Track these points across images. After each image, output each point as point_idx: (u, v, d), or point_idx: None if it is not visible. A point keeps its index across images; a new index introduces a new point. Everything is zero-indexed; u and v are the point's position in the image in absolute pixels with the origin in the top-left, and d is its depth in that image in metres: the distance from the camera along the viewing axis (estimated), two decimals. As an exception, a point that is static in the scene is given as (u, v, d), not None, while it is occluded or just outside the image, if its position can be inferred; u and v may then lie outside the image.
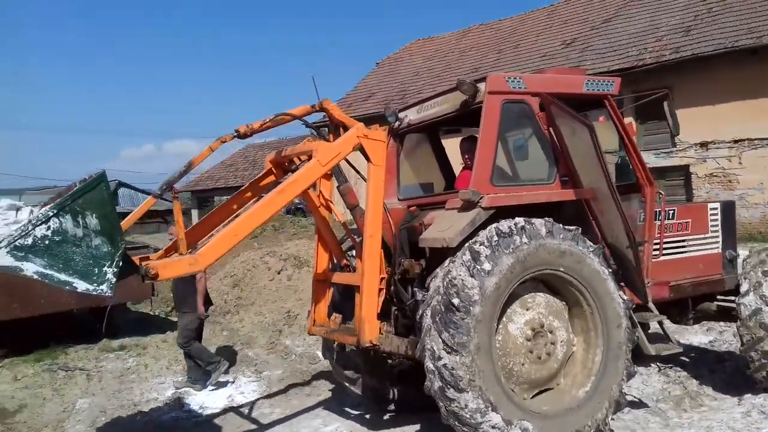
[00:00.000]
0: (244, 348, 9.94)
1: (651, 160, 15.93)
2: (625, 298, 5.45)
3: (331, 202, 5.99)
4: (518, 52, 21.53)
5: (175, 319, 12.49)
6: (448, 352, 4.78)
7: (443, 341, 4.80)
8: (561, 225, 5.20)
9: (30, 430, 6.89)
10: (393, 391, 6.48)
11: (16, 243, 3.73)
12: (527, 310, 5.26)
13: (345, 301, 5.99)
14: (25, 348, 9.88)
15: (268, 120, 5.59)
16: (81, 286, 3.87)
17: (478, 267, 4.84)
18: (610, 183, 5.28)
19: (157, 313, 13.05)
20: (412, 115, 6.51)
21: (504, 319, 5.17)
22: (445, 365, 4.78)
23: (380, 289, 5.38)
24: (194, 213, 38.00)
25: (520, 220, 5.05)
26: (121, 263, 4.01)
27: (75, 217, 3.89)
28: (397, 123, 6.56)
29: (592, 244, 5.34)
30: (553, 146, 5.62)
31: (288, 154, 5.79)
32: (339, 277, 5.97)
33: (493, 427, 4.77)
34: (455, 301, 4.80)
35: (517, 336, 5.18)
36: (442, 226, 5.35)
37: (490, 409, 4.77)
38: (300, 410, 7.02)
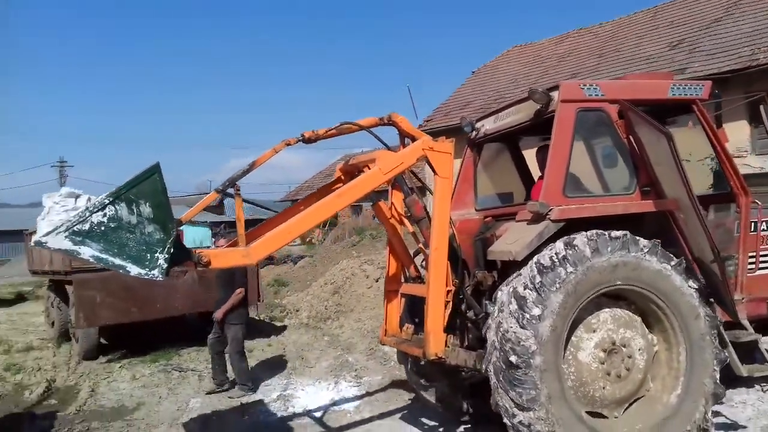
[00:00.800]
0: (344, 353, 10.13)
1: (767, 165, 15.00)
2: (696, 286, 5.17)
3: (402, 214, 5.99)
4: (620, 55, 20.86)
5: (279, 324, 13.02)
6: (520, 410, 4.68)
7: (512, 399, 4.70)
8: (609, 235, 4.95)
9: (148, 427, 7.31)
10: (466, 404, 6.38)
11: (75, 228, 3.93)
12: (593, 332, 5.08)
13: (417, 312, 5.98)
14: (142, 349, 10.59)
15: (333, 128, 5.60)
16: (134, 270, 4.04)
17: (528, 315, 4.70)
18: (690, 194, 5.03)
19: (261, 318, 13.54)
20: (488, 125, 6.42)
21: (571, 348, 5.01)
22: (521, 422, 4.69)
23: (447, 302, 5.32)
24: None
25: (561, 249, 4.84)
26: (172, 250, 4.15)
27: (129, 206, 4.07)
28: (474, 133, 6.52)
29: (646, 244, 5.05)
30: (633, 155, 5.42)
31: (356, 162, 5.83)
32: (409, 288, 5.98)
33: None
34: (513, 358, 4.68)
35: (589, 362, 5.01)
36: (511, 239, 5.28)
37: None
38: (399, 416, 7.11)
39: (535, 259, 4.87)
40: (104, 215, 4.01)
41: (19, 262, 36.36)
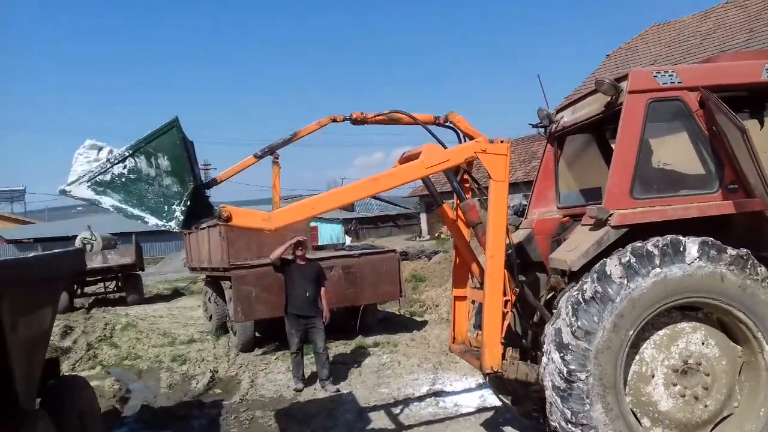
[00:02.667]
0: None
1: None
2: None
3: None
4: (775, 28, 19.20)
5: (419, 319, 13.17)
6: (573, 426, 4.43)
7: (564, 416, 4.46)
8: (670, 243, 4.47)
9: (306, 416, 7.66)
10: (540, 416, 5.96)
11: (97, 179, 4.13)
12: (661, 351, 4.67)
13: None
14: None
15: (382, 114, 5.45)
16: (151, 221, 4.19)
17: (580, 329, 4.41)
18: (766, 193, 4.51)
19: (402, 313, 13.77)
20: (567, 117, 5.97)
21: (636, 366, 4.65)
22: None
23: (504, 313, 5.06)
24: (423, 216, 39.44)
25: (617, 260, 4.46)
26: (189, 202, 4.22)
27: (148, 158, 4.19)
28: (553, 126, 6.10)
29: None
30: (715, 149, 4.86)
31: (410, 154, 5.62)
32: (478, 294, 5.68)
33: None
34: (564, 371, 4.43)
35: (658, 382, 4.63)
36: (570, 245, 4.92)
37: None
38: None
39: (592, 270, 4.56)
40: (124, 167, 4.17)
41: (172, 259, 39.34)
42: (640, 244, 4.51)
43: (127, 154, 4.19)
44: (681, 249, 4.47)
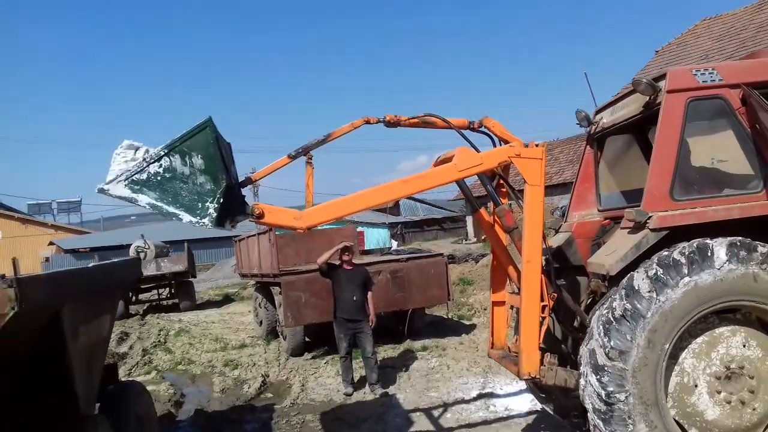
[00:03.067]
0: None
1: None
2: None
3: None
4: (834, 17, 18.52)
5: (468, 323, 13.11)
6: None
7: None
8: (708, 246, 4.36)
9: (357, 420, 7.71)
10: (580, 422, 5.83)
11: (134, 178, 4.20)
12: (701, 359, 4.53)
13: None
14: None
15: (416, 117, 5.40)
16: (186, 218, 4.23)
17: (613, 348, 4.34)
18: None
19: (450, 317, 13.72)
20: (606, 117, 5.85)
21: (677, 389, 4.53)
22: None
23: (542, 318, 4.98)
24: (468, 219, 39.20)
25: (653, 266, 4.36)
26: (222, 200, 4.24)
27: (183, 157, 4.24)
28: (592, 127, 5.98)
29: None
30: (759, 147, 4.71)
31: (446, 157, 5.53)
32: (516, 300, 5.57)
33: None
34: (602, 392, 4.34)
35: (702, 392, 4.50)
36: (609, 249, 4.81)
37: None
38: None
39: (620, 286, 4.46)
40: (160, 166, 4.23)
41: (223, 266, 40.06)
42: (666, 253, 4.44)
43: (162, 153, 4.27)
44: (709, 254, 4.37)
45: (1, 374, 3.77)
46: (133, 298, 21.64)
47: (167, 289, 22.17)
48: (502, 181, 5.61)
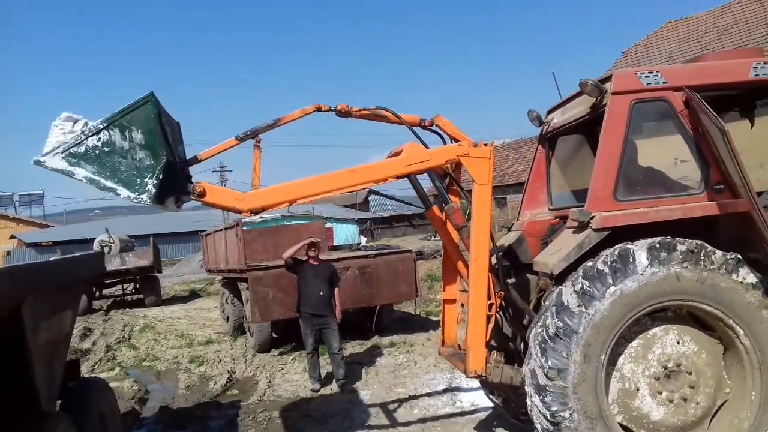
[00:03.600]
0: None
1: None
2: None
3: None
4: (794, 23, 19.01)
5: (436, 319, 13.17)
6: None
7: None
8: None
9: (324, 416, 7.68)
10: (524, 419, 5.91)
11: (71, 150, 4.14)
12: (638, 362, 4.64)
13: None
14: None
15: (367, 109, 5.39)
16: (123, 193, 4.18)
17: (551, 368, 4.41)
18: (751, 196, 4.44)
19: (418, 313, 13.77)
20: (557, 117, 5.91)
21: (620, 395, 4.65)
22: None
23: (489, 316, 5.04)
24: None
25: (588, 269, 4.46)
26: (162, 176, 4.20)
27: (122, 132, 4.19)
28: (543, 126, 6.04)
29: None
30: (701, 149, 4.80)
31: (398, 150, 5.48)
32: (466, 298, 5.57)
33: None
34: (546, 413, 4.44)
35: (646, 399, 4.61)
36: (554, 248, 4.89)
37: None
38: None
39: (549, 303, 4.55)
40: (99, 139, 4.18)
41: (189, 261, 39.59)
42: (590, 264, 4.50)
43: (101, 126, 4.20)
44: (631, 260, 4.44)
45: (-42, 370, 3.69)
46: (97, 293, 21.28)
47: (132, 284, 21.83)
48: (453, 180, 5.61)
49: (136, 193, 4.21)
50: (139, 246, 23.13)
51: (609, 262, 4.43)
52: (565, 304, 4.45)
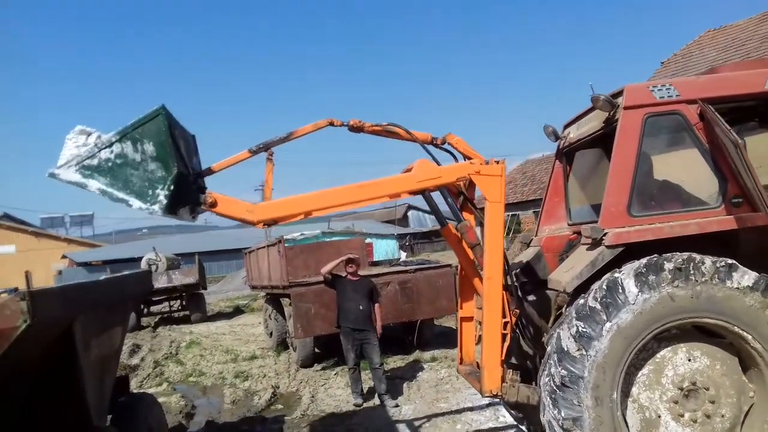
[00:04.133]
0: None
1: None
2: None
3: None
4: (842, 25, 18.47)
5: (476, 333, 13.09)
6: None
7: None
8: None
9: (367, 431, 7.73)
10: None
11: (84, 163, 4.23)
12: (653, 389, 4.52)
13: None
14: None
15: (379, 125, 5.37)
16: (135, 204, 4.24)
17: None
18: (764, 207, 4.31)
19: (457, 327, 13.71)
20: (573, 132, 5.84)
21: (643, 426, 4.50)
22: None
23: (504, 335, 4.96)
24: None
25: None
26: (173, 187, 4.24)
27: (134, 144, 4.26)
28: (560, 141, 5.97)
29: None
30: (718, 162, 4.69)
31: (410, 167, 5.55)
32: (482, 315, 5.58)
33: None
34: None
35: (670, 424, 4.46)
36: (568, 266, 4.80)
37: None
38: None
39: (551, 350, 4.47)
40: (111, 152, 4.26)
41: (233, 278, 40.21)
42: (582, 302, 4.45)
43: (114, 139, 4.30)
44: (620, 291, 4.35)
45: (14, 386, 3.84)
46: (145, 310, 21.77)
47: (178, 301, 22.28)
48: (466, 198, 5.60)
49: (148, 204, 4.29)
50: (184, 264, 23.63)
51: (599, 298, 4.37)
52: (565, 349, 4.39)
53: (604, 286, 4.39)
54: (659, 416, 4.52)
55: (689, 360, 4.56)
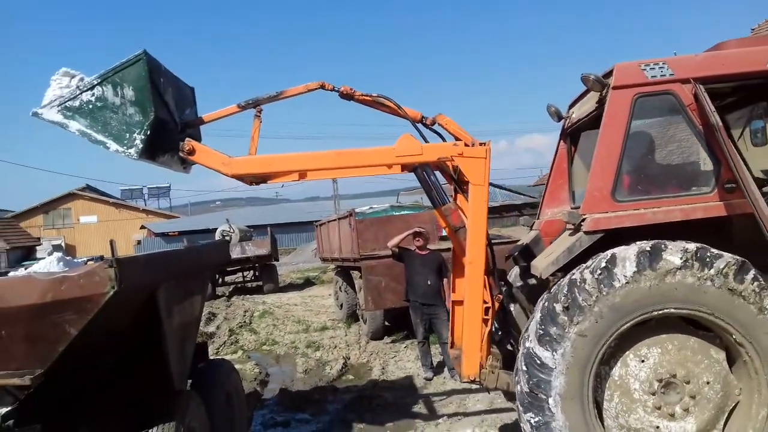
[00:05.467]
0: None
1: None
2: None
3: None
4: None
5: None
6: None
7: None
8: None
9: (437, 405, 7.74)
10: None
11: (66, 104, 4.36)
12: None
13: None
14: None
15: (368, 95, 5.19)
16: (113, 147, 4.35)
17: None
18: (751, 196, 3.98)
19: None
20: (576, 111, 5.51)
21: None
22: None
23: (485, 320, 4.80)
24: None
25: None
26: (150, 132, 4.31)
27: (115, 88, 4.34)
28: (563, 122, 5.67)
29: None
30: (711, 146, 4.32)
31: None
32: None
33: None
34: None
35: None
36: (549, 251, 4.60)
37: None
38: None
39: (520, 360, 4.27)
40: (92, 94, 4.37)
41: (304, 250, 40.93)
42: (545, 304, 4.25)
43: (95, 82, 4.42)
44: (581, 289, 4.12)
45: (102, 351, 4.00)
46: (220, 280, 22.43)
47: (251, 271, 22.83)
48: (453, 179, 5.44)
49: (125, 147, 4.41)
50: (257, 236, 24.15)
51: (561, 299, 4.17)
52: (533, 353, 4.23)
53: (565, 287, 4.20)
54: (637, 414, 4.32)
55: (662, 354, 4.31)
